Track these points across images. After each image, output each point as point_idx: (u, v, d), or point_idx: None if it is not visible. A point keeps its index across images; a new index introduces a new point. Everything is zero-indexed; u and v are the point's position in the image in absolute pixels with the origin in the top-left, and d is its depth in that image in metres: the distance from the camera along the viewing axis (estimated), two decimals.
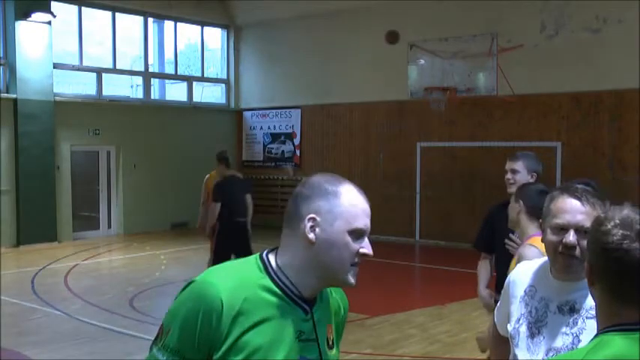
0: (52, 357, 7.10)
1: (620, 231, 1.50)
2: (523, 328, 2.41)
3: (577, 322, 2.33)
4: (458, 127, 14.41)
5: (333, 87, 16.45)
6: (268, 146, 18.27)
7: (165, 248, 13.56)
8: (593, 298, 1.62)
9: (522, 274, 2.54)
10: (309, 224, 1.76)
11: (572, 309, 2.35)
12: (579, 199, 2.32)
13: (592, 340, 1.54)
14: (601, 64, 12.66)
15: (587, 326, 2.27)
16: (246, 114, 18.64)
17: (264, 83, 18.25)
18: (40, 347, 7.43)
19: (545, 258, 2.50)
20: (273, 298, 1.73)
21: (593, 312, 2.14)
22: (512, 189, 4.43)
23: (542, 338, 2.36)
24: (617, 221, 1.52)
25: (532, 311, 2.41)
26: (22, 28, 14.20)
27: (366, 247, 1.79)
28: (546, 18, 13.24)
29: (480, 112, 14.14)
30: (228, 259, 7.86)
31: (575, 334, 2.32)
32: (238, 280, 1.72)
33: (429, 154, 14.32)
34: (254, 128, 18.53)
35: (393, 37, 13.30)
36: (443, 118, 14.39)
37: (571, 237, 2.26)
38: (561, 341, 2.33)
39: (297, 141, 17.69)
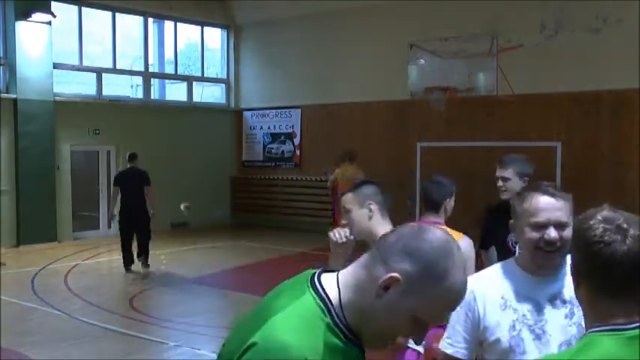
0: (52, 357, 7.11)
1: (602, 225, 1.54)
2: (525, 334, 2.39)
3: (574, 312, 2.37)
4: (458, 127, 14.40)
5: (334, 87, 16.44)
6: (268, 146, 18.26)
7: (164, 248, 13.56)
8: (579, 302, 1.64)
9: (486, 282, 2.51)
10: (386, 282, 1.54)
11: (563, 300, 2.40)
12: (553, 195, 2.39)
13: (581, 339, 1.55)
14: (601, 63, 12.66)
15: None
16: (246, 114, 18.64)
17: (264, 83, 18.25)
18: (40, 347, 7.43)
19: (499, 263, 2.58)
20: (339, 342, 1.57)
21: None
22: (506, 196, 4.45)
23: (549, 337, 2.37)
24: (600, 218, 1.56)
25: (526, 314, 2.40)
26: (22, 28, 14.20)
27: (419, 342, 1.65)
28: (546, 18, 13.24)
29: (481, 112, 14.14)
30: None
31: (577, 324, 2.35)
32: (310, 333, 1.53)
33: (429, 153, 14.29)
34: (254, 128, 18.53)
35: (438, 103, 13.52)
36: (443, 118, 14.39)
37: (553, 233, 2.34)
38: (568, 334, 2.36)
39: (297, 141, 17.68)
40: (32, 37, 14.34)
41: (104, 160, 16.16)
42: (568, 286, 2.35)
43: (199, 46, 18.67)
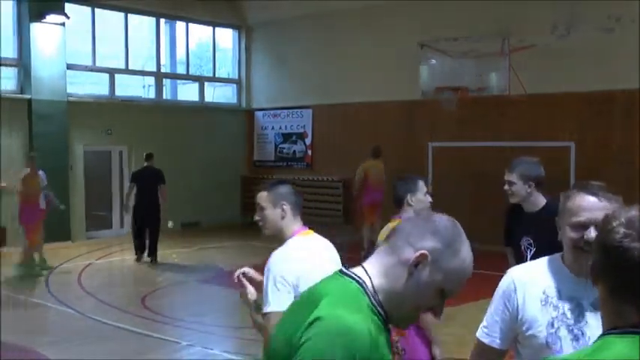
0: (65, 355, 7.16)
1: (623, 229, 1.51)
2: (563, 332, 2.37)
3: None
4: (470, 127, 14.38)
5: (345, 87, 16.44)
6: (280, 146, 18.29)
7: (175, 247, 13.62)
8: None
9: (530, 275, 2.50)
10: (417, 259, 1.73)
11: None
12: (596, 195, 2.35)
13: (595, 341, 1.55)
14: (613, 63, 12.60)
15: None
16: (258, 114, 18.67)
17: (276, 83, 18.28)
18: (54, 345, 7.49)
19: (546, 257, 2.52)
20: (379, 322, 1.72)
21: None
22: (513, 199, 4.43)
23: (587, 339, 2.33)
24: (623, 220, 1.53)
25: (566, 313, 2.38)
26: (36, 29, 14.30)
27: (439, 314, 1.80)
28: (558, 17, 13.19)
29: (492, 112, 14.11)
30: None
31: None
32: (361, 311, 1.68)
33: (440, 154, 14.28)
34: (265, 128, 18.56)
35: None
36: (454, 118, 14.37)
37: (592, 233, 2.27)
38: None
39: (308, 141, 17.70)
40: (46, 39, 14.44)
41: (116, 160, 16.25)
42: None
43: (211, 46, 18.74)
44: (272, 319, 3.16)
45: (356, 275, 1.76)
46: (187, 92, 18.68)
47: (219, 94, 19.43)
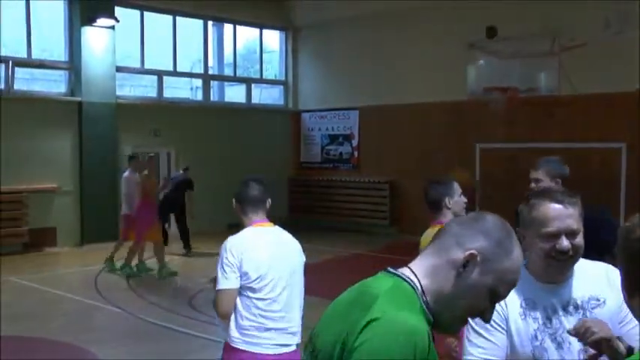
0: (115, 354, 7.26)
1: None
2: (548, 343, 2.36)
3: (587, 317, 2.33)
4: (518, 128, 14.15)
5: (391, 88, 16.35)
6: (326, 147, 18.28)
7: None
8: (633, 313, 1.57)
9: None
10: (466, 258, 1.69)
11: (576, 306, 2.37)
12: (562, 202, 2.34)
13: None
14: None
15: (597, 316, 2.33)
16: (304, 115, 18.70)
17: (322, 84, 18.29)
18: (104, 344, 7.60)
19: None
20: (429, 324, 1.68)
21: (594, 302, 2.36)
22: None
23: (568, 344, 2.34)
24: None
25: (545, 323, 2.37)
26: (86, 32, 14.56)
27: (489, 318, 1.77)
28: (611, 15, 12.87)
29: (541, 113, 13.86)
30: None
31: None
32: (416, 311, 1.65)
33: (488, 155, 14.10)
34: (312, 129, 18.58)
35: (491, 32, 13.44)
36: (503, 119, 14.16)
37: (565, 242, 2.31)
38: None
39: (355, 142, 17.66)
40: (96, 41, 14.69)
41: (164, 161, 16.42)
42: (577, 292, 2.37)
43: (258, 48, 18.83)
44: (220, 296, 3.80)
45: (405, 275, 1.71)
46: (234, 94, 18.80)
47: (266, 96, 19.52)
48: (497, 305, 2.13)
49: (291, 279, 3.94)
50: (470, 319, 1.94)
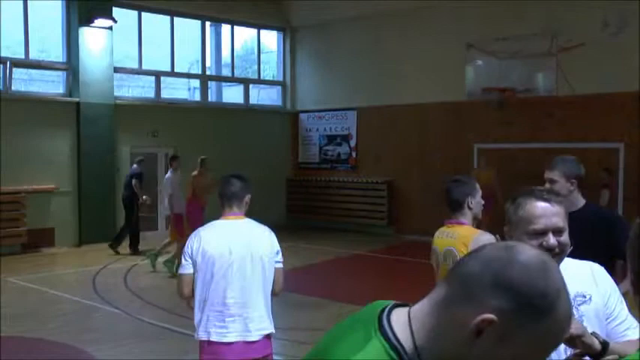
0: (113, 354, 7.24)
1: None
2: None
3: (574, 314, 2.32)
4: (516, 128, 14.16)
5: (389, 88, 16.36)
6: (324, 148, 18.28)
7: None
8: (637, 309, 1.56)
9: None
10: (478, 326, 1.19)
11: None
12: (548, 200, 2.37)
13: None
14: None
15: (583, 313, 2.36)
16: (302, 116, 18.70)
17: (320, 85, 18.28)
18: (102, 345, 7.58)
19: None
20: None
21: (580, 299, 2.39)
22: None
23: None
24: None
25: None
26: (84, 33, 14.56)
27: None
28: (609, 15, 12.89)
29: (539, 113, 13.86)
30: None
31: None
32: None
33: (486, 155, 14.10)
34: (310, 130, 18.58)
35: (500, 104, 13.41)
36: (501, 119, 14.17)
37: (551, 240, 2.33)
38: None
39: (353, 142, 17.66)
40: (94, 42, 14.69)
41: (162, 161, 16.41)
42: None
43: (256, 48, 18.83)
44: (178, 280, 4.25)
45: (393, 334, 1.26)
46: (232, 94, 18.80)
47: (263, 96, 19.51)
48: None
49: (251, 267, 4.14)
50: None
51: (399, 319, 1.29)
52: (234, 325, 4.11)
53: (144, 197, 13.52)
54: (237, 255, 4.10)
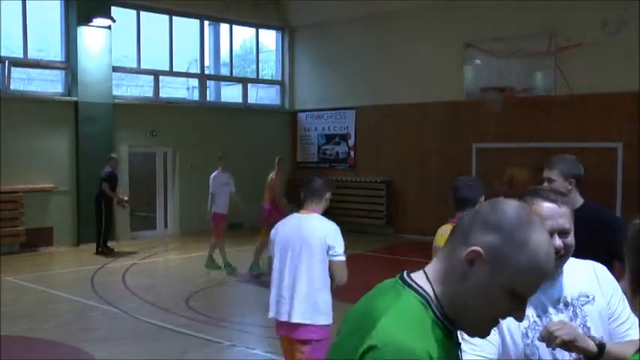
0: (110, 354, 7.24)
1: None
2: (539, 341, 2.35)
3: (577, 314, 2.35)
4: (515, 128, 14.17)
5: (388, 87, 16.36)
6: (323, 147, 18.28)
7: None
8: (634, 311, 1.56)
9: None
10: (469, 256, 1.50)
11: (565, 303, 2.37)
12: (555, 201, 2.35)
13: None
14: None
15: (587, 313, 2.35)
16: (301, 115, 18.70)
17: (319, 84, 18.28)
18: (100, 344, 7.58)
19: None
20: (444, 336, 1.52)
21: (583, 299, 2.37)
22: None
23: None
24: None
25: (536, 320, 2.37)
26: (83, 32, 14.55)
27: (521, 318, 1.57)
28: (608, 15, 12.89)
29: (538, 113, 13.87)
30: None
31: (582, 325, 2.34)
32: (423, 331, 1.48)
33: (485, 154, 14.11)
34: (308, 129, 18.58)
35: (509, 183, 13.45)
36: (499, 119, 14.17)
37: (557, 241, 2.30)
38: None
39: (351, 142, 17.66)
40: (93, 41, 14.68)
41: (161, 161, 16.42)
42: (567, 289, 2.37)
43: (254, 47, 18.82)
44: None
45: (417, 284, 1.55)
46: (231, 94, 18.79)
47: (262, 96, 19.51)
48: None
49: (299, 258, 4.71)
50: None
51: (419, 277, 1.58)
52: (284, 307, 4.72)
53: (123, 198, 13.75)
54: (292, 245, 4.73)
